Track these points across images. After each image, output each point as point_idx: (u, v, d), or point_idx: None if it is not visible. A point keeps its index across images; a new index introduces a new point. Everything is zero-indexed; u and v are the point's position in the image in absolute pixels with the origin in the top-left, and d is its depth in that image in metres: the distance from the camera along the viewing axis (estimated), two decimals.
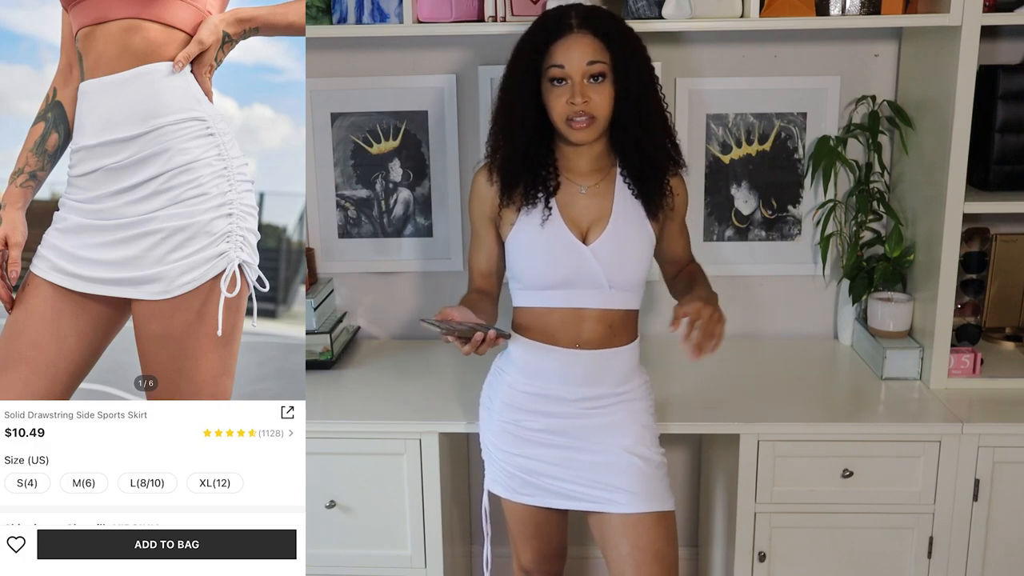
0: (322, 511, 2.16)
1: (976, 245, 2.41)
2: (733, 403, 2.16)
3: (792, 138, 2.52)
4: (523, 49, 1.75)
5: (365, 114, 2.56)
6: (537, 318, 1.85)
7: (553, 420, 1.86)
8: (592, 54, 1.70)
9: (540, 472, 1.88)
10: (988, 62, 2.31)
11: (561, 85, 1.71)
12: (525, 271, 1.83)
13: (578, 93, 1.69)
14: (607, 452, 1.85)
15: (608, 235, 1.79)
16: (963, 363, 2.24)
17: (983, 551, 2.10)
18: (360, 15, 2.18)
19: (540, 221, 1.79)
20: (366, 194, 2.62)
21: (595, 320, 1.82)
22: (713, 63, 2.48)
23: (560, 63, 1.70)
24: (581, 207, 1.81)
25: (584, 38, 1.70)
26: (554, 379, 1.85)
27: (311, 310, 2.44)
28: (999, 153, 2.23)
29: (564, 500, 1.89)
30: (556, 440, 1.86)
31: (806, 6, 2.12)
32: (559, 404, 1.85)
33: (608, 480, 1.85)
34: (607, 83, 1.71)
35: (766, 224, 2.58)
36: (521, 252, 1.82)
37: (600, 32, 1.70)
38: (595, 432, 1.86)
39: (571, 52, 1.70)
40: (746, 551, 2.13)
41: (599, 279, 1.79)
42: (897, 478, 2.07)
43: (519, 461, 1.89)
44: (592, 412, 1.85)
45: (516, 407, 1.88)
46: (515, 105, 1.77)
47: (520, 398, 1.88)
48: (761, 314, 2.63)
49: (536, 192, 1.79)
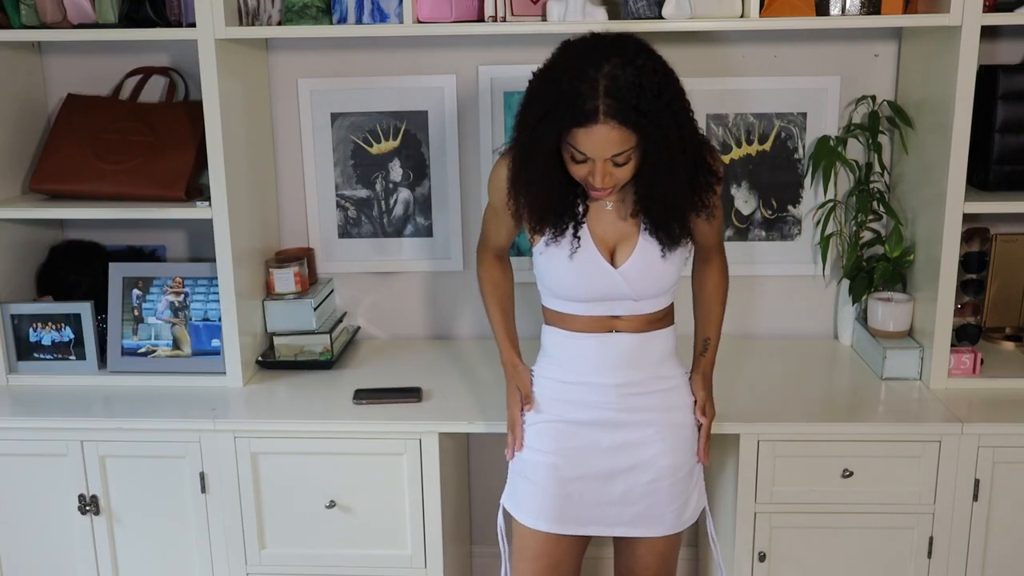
0: (322, 511, 2.16)
1: (976, 245, 2.41)
2: (733, 403, 2.16)
3: (792, 138, 2.52)
4: (542, 119, 1.60)
5: (365, 114, 2.56)
6: (567, 319, 1.84)
7: (595, 412, 1.83)
8: (618, 145, 1.58)
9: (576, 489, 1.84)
10: (988, 62, 2.32)
11: (582, 162, 1.62)
12: (554, 286, 1.81)
13: (599, 173, 1.61)
14: (650, 468, 1.83)
15: (637, 257, 1.76)
16: (963, 363, 2.24)
17: (983, 551, 2.10)
18: (360, 15, 2.18)
19: (569, 253, 1.75)
20: (366, 194, 2.62)
21: (627, 320, 1.82)
22: (713, 63, 2.48)
23: (582, 150, 1.59)
24: (608, 223, 1.77)
25: (611, 131, 1.56)
26: (591, 364, 1.82)
27: (311, 310, 2.44)
28: (999, 153, 2.23)
29: (593, 527, 1.87)
30: (598, 440, 1.83)
31: (806, 6, 2.12)
32: (599, 392, 1.82)
33: (651, 508, 1.85)
34: (632, 160, 1.62)
35: (766, 224, 2.58)
36: (549, 271, 1.80)
37: (628, 120, 1.55)
38: (636, 439, 1.83)
39: (595, 144, 1.58)
40: (746, 551, 2.13)
41: (628, 295, 1.78)
42: (897, 478, 2.07)
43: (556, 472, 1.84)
44: (632, 403, 1.82)
45: (561, 400, 1.85)
46: (536, 165, 1.67)
47: (563, 390, 1.85)
48: (761, 314, 2.63)
49: (566, 225, 1.75)
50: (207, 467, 2.15)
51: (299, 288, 2.47)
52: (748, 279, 2.61)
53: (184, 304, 2.37)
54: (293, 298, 2.45)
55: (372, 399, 2.20)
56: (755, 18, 2.11)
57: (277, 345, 2.46)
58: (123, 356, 2.38)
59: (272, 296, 2.47)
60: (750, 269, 2.59)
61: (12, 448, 2.19)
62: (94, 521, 2.21)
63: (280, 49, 2.53)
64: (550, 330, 1.87)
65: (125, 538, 2.23)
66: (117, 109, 2.43)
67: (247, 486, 2.15)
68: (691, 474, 1.89)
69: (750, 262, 2.59)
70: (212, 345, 2.37)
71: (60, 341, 2.39)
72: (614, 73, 1.54)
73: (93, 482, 2.18)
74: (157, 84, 2.53)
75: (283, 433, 2.13)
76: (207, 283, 2.37)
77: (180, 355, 2.38)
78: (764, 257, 2.59)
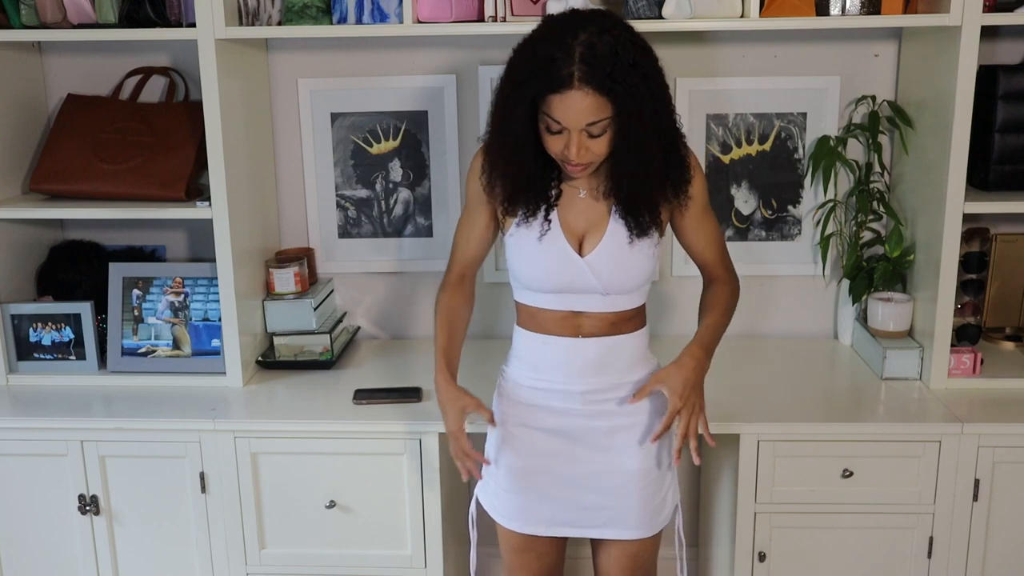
0: (322, 511, 2.16)
1: (976, 245, 2.41)
2: (733, 403, 2.16)
3: (792, 138, 2.52)
4: (518, 86, 1.62)
5: (365, 114, 2.56)
6: (536, 315, 1.83)
7: (562, 420, 1.82)
8: (593, 113, 1.57)
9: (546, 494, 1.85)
10: (988, 62, 2.31)
11: (557, 133, 1.62)
12: (522, 273, 1.80)
13: (574, 146, 1.61)
14: (619, 472, 1.82)
15: (604, 246, 1.74)
16: (963, 363, 2.24)
17: (983, 551, 2.10)
18: (360, 15, 2.18)
19: (539, 235, 1.75)
20: (366, 194, 2.62)
21: (595, 319, 1.80)
22: (713, 63, 2.48)
23: (557, 118, 1.59)
24: (578, 212, 1.77)
25: (585, 97, 1.56)
26: (558, 370, 1.81)
27: (311, 310, 2.44)
28: (999, 153, 2.23)
29: (565, 528, 1.88)
30: (565, 448, 1.83)
31: (806, 6, 2.12)
32: (565, 399, 1.81)
33: (622, 511, 1.84)
34: (607, 132, 1.61)
35: (766, 224, 2.58)
36: (518, 255, 1.79)
37: (603, 87, 1.55)
38: (604, 444, 1.82)
39: (569, 111, 1.57)
40: (746, 551, 2.13)
41: (595, 288, 1.76)
42: (897, 478, 2.07)
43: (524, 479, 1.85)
44: (598, 409, 1.81)
45: (523, 403, 1.85)
46: (509, 136, 1.67)
47: (526, 393, 1.85)
48: (761, 314, 2.63)
49: (538, 206, 1.75)
50: (207, 467, 2.15)
51: (299, 288, 2.47)
52: (748, 279, 2.60)
53: (184, 304, 2.38)
54: (293, 298, 2.45)
55: (372, 399, 2.20)
56: (755, 18, 2.11)
57: (277, 345, 2.46)
58: (123, 356, 2.38)
59: (272, 296, 2.47)
60: (750, 269, 2.59)
61: (12, 448, 2.19)
62: (94, 521, 2.21)
63: (280, 49, 2.53)
64: (520, 332, 1.86)
65: (125, 538, 2.23)
66: (117, 109, 2.43)
67: (247, 486, 2.15)
68: (663, 476, 1.87)
69: (750, 262, 2.59)
70: (212, 345, 2.37)
71: (60, 341, 2.39)
72: (590, 41, 1.55)
73: (93, 482, 2.18)
74: (157, 84, 2.53)
75: (283, 433, 2.13)
76: (207, 283, 2.37)
77: (180, 355, 2.38)
78: (764, 257, 2.59)
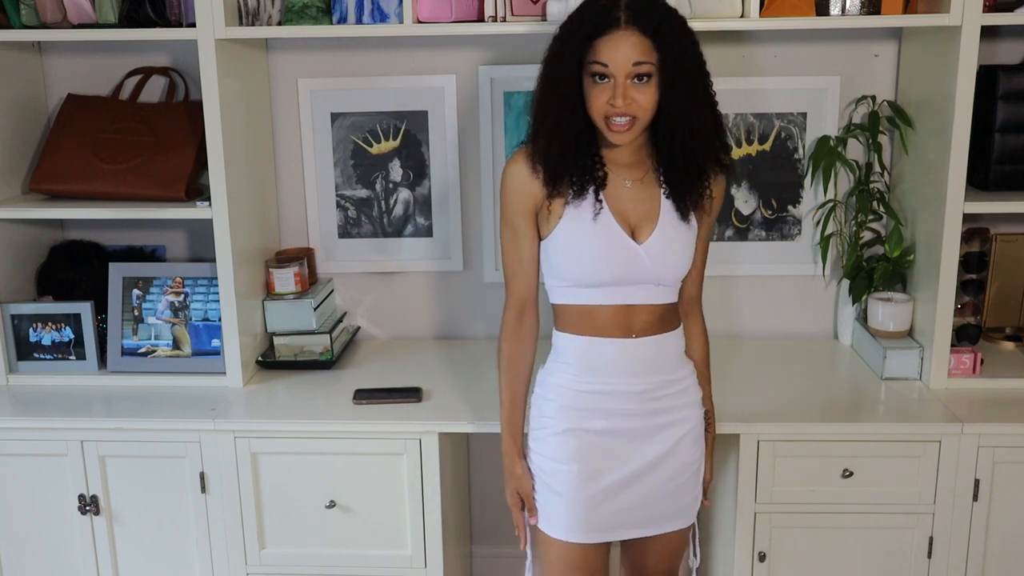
0: (322, 511, 2.16)
1: (976, 245, 2.41)
2: (733, 403, 2.15)
3: (792, 138, 2.52)
4: (566, 38, 1.66)
5: (365, 114, 2.56)
6: (585, 315, 1.78)
7: (616, 421, 1.80)
8: (638, 54, 1.60)
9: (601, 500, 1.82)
10: (988, 62, 2.31)
11: (603, 82, 1.63)
12: (571, 269, 1.75)
13: (620, 95, 1.61)
14: (669, 467, 1.83)
15: (659, 233, 1.74)
16: (963, 363, 2.24)
17: (983, 551, 2.10)
18: (360, 15, 2.18)
19: (592, 215, 1.71)
20: (366, 194, 2.62)
21: (645, 313, 1.78)
22: (713, 63, 2.47)
23: (604, 61, 1.61)
24: (628, 202, 1.74)
25: (631, 36, 1.60)
26: (615, 372, 1.78)
27: (311, 310, 2.44)
28: (999, 153, 2.23)
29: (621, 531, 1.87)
30: (618, 448, 1.81)
31: (806, 6, 2.12)
32: (623, 400, 1.79)
33: (671, 506, 1.86)
34: (652, 83, 1.63)
35: (766, 224, 2.58)
36: (569, 249, 1.74)
37: (649, 29, 1.60)
38: (660, 438, 1.82)
39: (616, 51, 1.60)
40: (746, 551, 2.13)
41: (650, 276, 1.75)
42: (897, 478, 2.07)
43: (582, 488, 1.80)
44: (654, 407, 1.81)
45: (576, 408, 1.80)
46: (557, 97, 1.68)
47: (579, 398, 1.80)
48: (761, 314, 2.63)
49: (584, 184, 1.72)
50: (207, 467, 2.15)
51: (299, 288, 2.47)
52: (748, 279, 2.61)
53: (184, 304, 2.38)
54: (293, 298, 2.45)
55: (372, 399, 2.20)
56: (755, 18, 2.11)
57: (277, 345, 2.46)
58: (123, 356, 2.38)
59: (272, 296, 2.47)
60: (750, 269, 2.59)
61: (12, 448, 2.19)
62: (94, 521, 2.21)
63: (280, 49, 2.53)
64: (565, 337, 1.81)
65: (125, 538, 2.23)
66: (117, 109, 2.43)
67: (247, 486, 2.15)
68: (700, 468, 1.91)
69: (750, 262, 2.59)
70: (212, 345, 2.37)
71: (60, 341, 2.39)
72: None
73: (93, 482, 2.18)
74: (157, 84, 2.53)
75: (283, 433, 2.13)
76: (207, 283, 2.37)
77: (180, 355, 2.38)
78: (764, 257, 2.59)
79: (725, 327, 2.56)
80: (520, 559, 2.79)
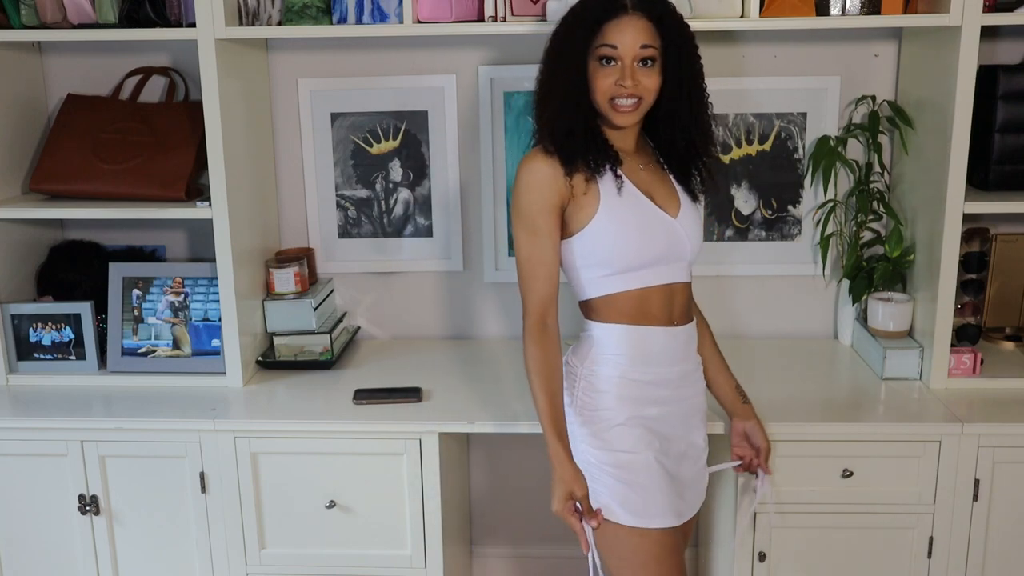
0: (322, 511, 2.16)
1: (976, 245, 2.41)
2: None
3: (792, 138, 2.52)
4: (574, 24, 1.73)
5: (365, 114, 2.56)
6: (634, 301, 1.79)
7: (660, 408, 1.84)
8: (645, 38, 1.70)
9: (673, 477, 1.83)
10: (988, 62, 2.32)
11: (610, 65, 1.71)
12: (618, 251, 1.75)
13: (628, 76, 1.69)
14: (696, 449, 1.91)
15: (686, 209, 1.82)
16: (963, 363, 2.24)
17: (983, 551, 2.10)
18: (360, 15, 2.18)
19: (616, 190, 1.75)
20: (366, 194, 2.62)
21: (682, 294, 1.84)
22: (713, 63, 2.47)
23: (612, 43, 1.69)
24: (648, 183, 1.80)
25: (638, 21, 1.69)
26: (662, 360, 1.83)
27: (311, 310, 2.44)
28: (999, 153, 2.23)
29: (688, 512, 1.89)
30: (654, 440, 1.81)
31: (806, 6, 2.12)
32: (663, 387, 1.83)
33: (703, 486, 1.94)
34: (656, 67, 1.72)
35: (766, 224, 2.58)
36: (612, 231, 1.74)
37: (654, 16, 1.70)
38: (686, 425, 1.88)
39: (624, 34, 1.69)
40: (746, 551, 2.13)
41: (686, 253, 1.81)
42: (897, 478, 2.07)
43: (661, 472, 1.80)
44: (681, 393, 1.87)
45: (632, 397, 1.81)
46: (565, 77, 1.74)
47: (634, 388, 1.81)
48: (761, 314, 2.63)
49: (601, 160, 1.75)
50: (207, 467, 2.15)
51: (299, 288, 2.47)
52: (748, 279, 2.61)
53: (184, 304, 2.38)
54: (293, 298, 2.45)
55: (372, 399, 2.20)
56: (755, 18, 2.11)
57: (277, 345, 2.46)
58: (123, 356, 2.38)
59: (272, 296, 2.47)
60: (750, 269, 2.59)
61: (12, 448, 2.19)
62: (94, 521, 2.21)
63: (280, 49, 2.53)
64: (610, 328, 1.80)
65: (125, 538, 2.23)
66: (117, 109, 2.43)
67: (247, 486, 2.15)
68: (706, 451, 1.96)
69: (750, 262, 2.59)
70: (212, 345, 2.37)
71: (60, 341, 2.39)
72: None
73: (93, 482, 2.18)
74: (157, 84, 2.53)
75: (283, 433, 2.13)
76: (207, 283, 2.37)
77: (180, 355, 2.38)
78: (764, 257, 2.59)
79: (725, 327, 2.56)
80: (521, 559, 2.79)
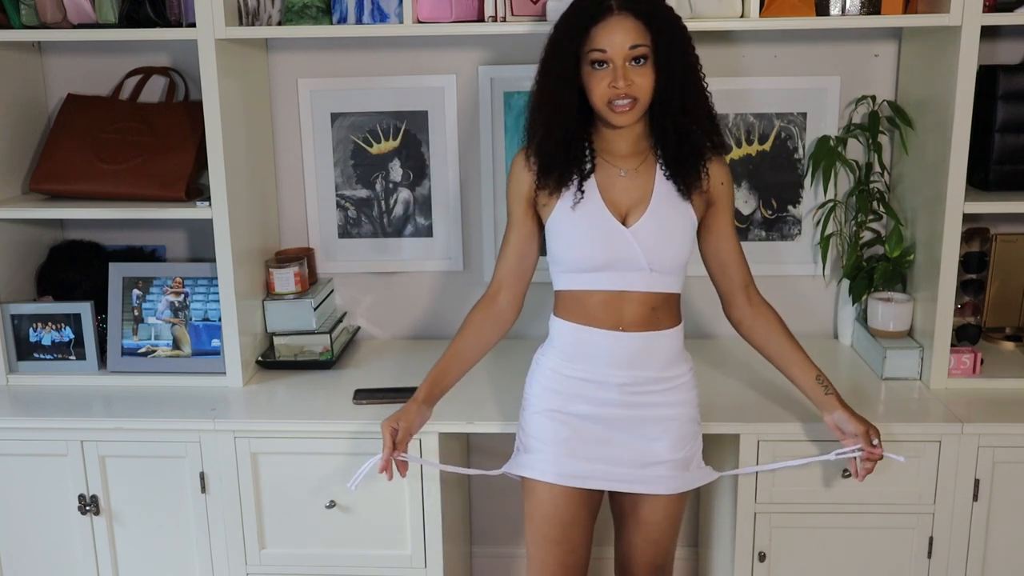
0: (322, 511, 2.16)
1: (976, 245, 2.41)
2: (733, 403, 2.16)
3: (792, 138, 2.52)
4: (562, 32, 1.74)
5: (365, 114, 2.56)
6: (578, 301, 1.84)
7: (596, 408, 1.84)
8: (634, 37, 1.69)
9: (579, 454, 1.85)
10: (988, 62, 2.32)
11: (602, 68, 1.71)
12: (566, 253, 1.82)
13: (620, 76, 1.69)
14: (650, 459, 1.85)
15: (648, 217, 1.79)
16: (963, 363, 2.24)
17: (983, 551, 2.10)
18: (360, 15, 2.18)
19: (572, 204, 1.79)
20: (366, 194, 2.62)
21: (637, 303, 1.82)
22: (713, 63, 2.47)
23: (602, 47, 1.70)
24: (620, 189, 1.81)
25: (625, 20, 1.69)
26: (597, 362, 1.83)
27: (311, 310, 2.44)
28: (999, 153, 2.23)
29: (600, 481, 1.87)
30: (598, 431, 1.85)
31: (806, 6, 2.12)
32: (603, 389, 1.84)
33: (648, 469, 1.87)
34: (648, 65, 1.72)
35: (766, 224, 2.58)
36: (561, 235, 1.81)
37: (641, 13, 1.70)
38: (639, 432, 1.84)
39: (613, 35, 1.69)
40: (746, 551, 2.13)
41: (640, 262, 1.79)
42: (897, 478, 2.07)
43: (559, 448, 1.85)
44: (636, 400, 1.84)
45: (558, 391, 1.87)
46: (553, 89, 1.76)
47: (563, 382, 1.86)
48: None
49: (570, 175, 1.80)
50: (207, 467, 2.15)
51: (299, 288, 2.47)
52: None
53: (184, 304, 2.38)
54: (293, 298, 2.45)
55: (372, 399, 2.20)
56: (755, 18, 2.11)
57: (277, 345, 2.46)
58: (123, 356, 2.38)
59: (272, 296, 2.47)
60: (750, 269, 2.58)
61: (12, 448, 2.19)
62: (94, 521, 2.21)
63: (280, 49, 2.53)
64: (559, 322, 1.88)
65: (125, 538, 2.23)
66: (117, 109, 2.43)
67: (247, 486, 2.15)
68: (689, 464, 1.90)
69: (750, 262, 2.57)
70: (212, 345, 2.37)
71: (60, 341, 2.39)
72: None
73: (93, 482, 2.18)
74: (157, 84, 2.53)
75: (283, 433, 2.13)
76: (207, 283, 2.37)
77: (180, 355, 2.38)
78: (764, 257, 2.58)
79: (725, 327, 2.55)
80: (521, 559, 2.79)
